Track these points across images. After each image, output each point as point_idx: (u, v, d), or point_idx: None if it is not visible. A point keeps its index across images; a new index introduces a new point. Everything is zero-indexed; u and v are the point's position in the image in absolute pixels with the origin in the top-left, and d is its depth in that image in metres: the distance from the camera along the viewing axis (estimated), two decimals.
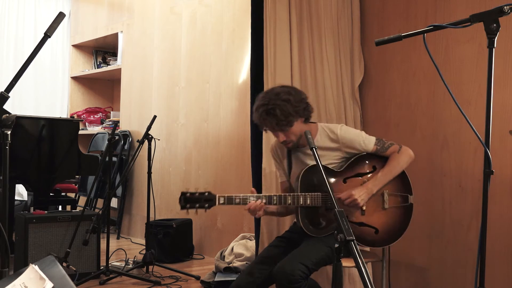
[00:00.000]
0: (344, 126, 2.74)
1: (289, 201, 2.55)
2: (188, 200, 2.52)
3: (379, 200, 2.67)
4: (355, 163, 2.70)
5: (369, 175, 2.68)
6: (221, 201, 2.53)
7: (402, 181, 2.72)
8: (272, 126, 2.61)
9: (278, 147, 2.86)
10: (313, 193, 2.56)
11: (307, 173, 2.61)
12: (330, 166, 2.68)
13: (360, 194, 2.57)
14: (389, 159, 2.69)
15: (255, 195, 2.54)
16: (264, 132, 3.14)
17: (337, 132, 2.69)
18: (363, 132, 2.75)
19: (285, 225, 3.19)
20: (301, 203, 2.55)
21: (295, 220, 2.86)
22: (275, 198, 2.55)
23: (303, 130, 2.61)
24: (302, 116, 2.63)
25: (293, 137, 2.63)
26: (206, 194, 2.55)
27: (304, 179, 2.61)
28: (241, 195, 2.53)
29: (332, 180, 2.66)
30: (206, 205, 2.53)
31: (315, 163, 2.56)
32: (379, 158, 2.72)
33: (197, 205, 2.52)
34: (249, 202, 2.52)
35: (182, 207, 2.52)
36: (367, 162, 2.71)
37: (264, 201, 2.54)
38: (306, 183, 2.60)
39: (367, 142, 2.69)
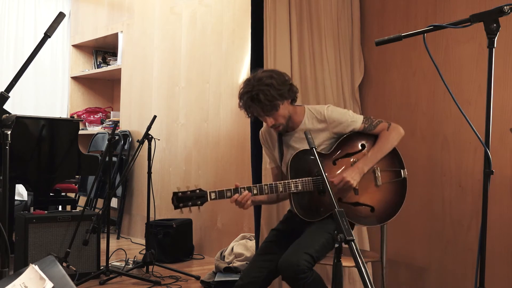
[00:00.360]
0: (331, 106, 2.73)
1: (281, 189, 2.54)
2: (180, 199, 2.54)
3: (372, 177, 2.65)
4: (343, 144, 2.68)
5: (358, 154, 2.66)
6: (212, 197, 2.55)
7: (394, 156, 2.69)
8: (258, 112, 2.61)
9: (267, 133, 2.85)
10: (304, 179, 2.56)
11: (296, 158, 2.61)
12: (319, 149, 2.65)
13: (352, 175, 2.56)
14: (379, 136, 2.67)
15: (245, 186, 2.54)
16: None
17: (324, 112, 2.68)
18: (350, 111, 2.73)
19: None
20: (293, 189, 2.55)
21: (289, 208, 2.86)
22: (265, 187, 2.54)
23: (290, 112, 2.64)
24: (288, 98, 2.62)
25: (282, 120, 2.62)
26: (197, 191, 2.57)
27: (294, 164, 2.60)
28: (232, 188, 2.53)
29: (322, 162, 2.59)
30: (199, 202, 2.54)
31: (306, 147, 2.60)
32: (367, 137, 2.69)
33: (190, 203, 2.53)
34: (245, 196, 2.52)
35: (176, 207, 2.54)
36: (355, 141, 2.68)
37: (255, 191, 2.53)
38: (296, 169, 2.60)
39: (355, 120, 2.67)
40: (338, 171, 2.62)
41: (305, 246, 2.46)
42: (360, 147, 2.68)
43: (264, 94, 2.53)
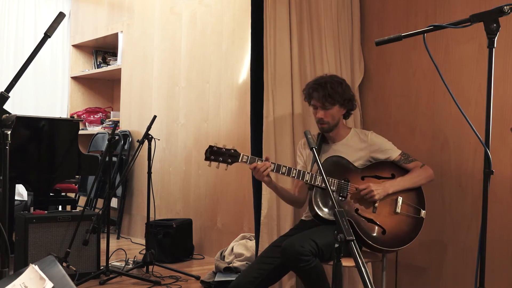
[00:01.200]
0: (374, 132, 2.92)
1: (307, 177, 2.64)
2: (214, 152, 2.67)
3: (393, 203, 2.74)
4: (376, 166, 2.81)
5: (386, 180, 2.76)
6: (244, 159, 2.66)
7: (418, 195, 2.81)
8: (317, 98, 2.77)
9: (306, 146, 2.96)
10: (331, 178, 2.68)
11: (330, 160, 2.75)
12: (356, 164, 2.79)
13: (377, 189, 2.66)
14: (412, 170, 2.82)
15: (276, 163, 2.67)
16: (263, 131, 3.14)
17: (368, 134, 2.88)
18: (390, 142, 2.89)
19: (285, 226, 3.19)
20: (318, 183, 2.64)
21: (303, 217, 2.89)
22: (294, 171, 2.64)
23: (340, 121, 2.83)
24: (345, 106, 2.82)
25: (330, 119, 2.79)
26: (232, 151, 2.69)
27: (326, 163, 2.73)
28: (264, 159, 2.67)
29: (351, 174, 2.76)
30: (229, 160, 2.66)
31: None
32: (399, 169, 2.82)
33: (221, 158, 2.67)
34: (264, 164, 2.62)
35: (206, 158, 2.67)
36: (387, 168, 2.82)
37: (283, 170, 2.64)
38: (327, 168, 2.71)
39: (393, 150, 2.84)
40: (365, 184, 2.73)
41: (313, 235, 2.52)
42: (390, 175, 2.80)
43: (331, 85, 2.75)
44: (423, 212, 2.78)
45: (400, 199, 2.74)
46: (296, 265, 2.44)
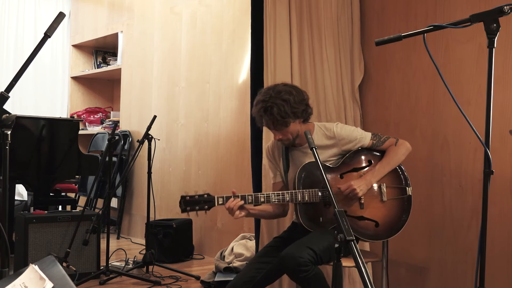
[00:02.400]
0: (339, 124, 2.76)
1: (287, 198, 2.56)
2: (188, 203, 2.55)
3: (377, 193, 2.68)
4: (351, 158, 2.71)
5: (365, 169, 2.70)
6: (220, 202, 2.56)
7: (399, 174, 2.73)
8: (268, 124, 2.64)
9: (275, 147, 2.86)
10: (310, 189, 2.57)
11: (303, 170, 2.63)
12: (326, 163, 2.70)
13: (359, 185, 2.59)
14: (387, 151, 2.71)
15: (253, 194, 2.57)
16: (263, 132, 3.15)
17: (333, 129, 2.72)
18: (358, 128, 2.79)
19: (285, 225, 3.18)
20: (299, 199, 2.56)
21: (294, 219, 2.87)
22: (273, 196, 2.56)
23: (300, 130, 2.65)
24: (300, 117, 2.64)
25: (289, 136, 2.65)
26: (205, 196, 2.57)
27: (301, 175, 2.62)
28: (240, 194, 2.56)
29: (329, 176, 2.67)
30: (206, 206, 2.55)
31: (313, 160, 2.63)
32: (374, 153, 2.73)
33: (197, 207, 2.55)
34: (248, 200, 2.55)
35: (183, 211, 2.56)
36: (363, 157, 2.73)
37: (262, 199, 2.56)
38: (304, 180, 2.62)
39: (363, 137, 2.72)
40: (345, 183, 2.65)
41: (310, 243, 2.49)
42: (367, 163, 2.72)
43: (278, 108, 2.55)
44: (408, 189, 2.70)
45: (383, 186, 2.67)
46: (297, 276, 2.43)
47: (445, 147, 3.26)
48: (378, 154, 2.73)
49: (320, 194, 2.58)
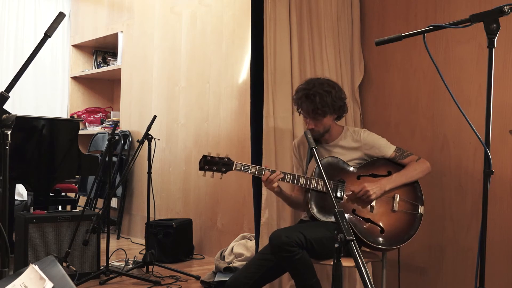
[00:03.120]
0: (367, 130, 2.88)
1: (302, 181, 2.64)
2: (208, 162, 2.65)
3: (390, 201, 2.73)
4: (371, 164, 2.79)
5: (383, 178, 2.75)
6: (238, 167, 2.66)
7: (415, 191, 2.80)
8: (307, 111, 2.74)
9: (301, 144, 2.96)
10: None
11: (325, 161, 2.73)
12: (348, 164, 2.78)
13: (373, 188, 2.65)
14: (408, 165, 2.78)
15: (270, 169, 2.67)
16: (264, 132, 3.15)
17: (360, 133, 2.83)
18: (384, 139, 2.86)
19: (285, 226, 3.19)
20: (313, 185, 2.65)
21: (302, 217, 2.89)
22: (289, 176, 2.65)
23: (332, 125, 2.79)
24: (336, 112, 2.78)
25: (321, 128, 2.76)
26: (226, 159, 2.67)
27: (321, 165, 2.67)
28: (257, 166, 2.67)
29: (347, 175, 2.74)
30: (223, 169, 2.65)
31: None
32: (395, 165, 2.80)
33: (215, 167, 2.65)
34: (264, 173, 2.64)
35: (201, 168, 2.65)
36: (383, 166, 2.80)
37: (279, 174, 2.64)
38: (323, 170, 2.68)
39: (388, 147, 2.81)
40: (360, 184, 2.71)
41: (302, 229, 2.53)
42: (386, 173, 2.78)
43: (320, 97, 2.68)
44: (421, 208, 2.76)
45: (397, 197, 2.73)
46: (280, 254, 2.45)
47: (445, 147, 3.26)
48: (398, 166, 2.79)
49: (333, 187, 2.68)
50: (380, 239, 2.67)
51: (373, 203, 2.69)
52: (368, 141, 2.81)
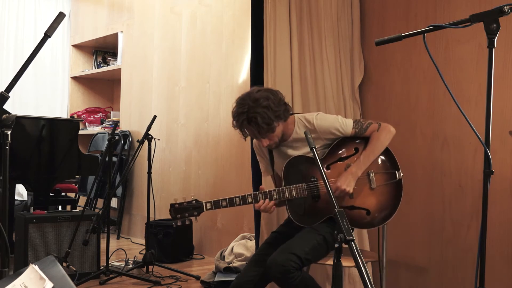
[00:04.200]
0: (320, 113, 2.71)
1: (275, 196, 2.55)
2: (178, 210, 2.57)
3: (366, 180, 2.64)
4: (336, 148, 2.68)
5: (351, 158, 2.65)
6: (208, 207, 2.56)
7: (388, 158, 2.68)
8: (254, 134, 2.60)
9: (260, 145, 2.83)
10: (297, 185, 2.57)
11: (289, 165, 2.62)
12: (311, 155, 2.62)
13: (347, 182, 2.54)
14: (370, 138, 2.64)
15: (240, 196, 2.55)
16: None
17: (313, 121, 2.65)
18: (339, 116, 2.71)
19: None
20: (287, 196, 2.56)
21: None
22: (260, 196, 2.55)
23: (283, 128, 2.63)
24: (283, 118, 2.60)
25: (276, 139, 2.62)
26: (193, 202, 2.58)
27: (287, 171, 2.61)
28: (227, 197, 2.54)
29: (315, 168, 2.61)
30: (195, 212, 2.57)
31: (298, 153, 2.65)
32: (360, 140, 2.68)
33: (187, 214, 2.57)
34: (236, 203, 2.54)
35: (173, 218, 2.58)
36: (348, 145, 2.68)
37: (249, 200, 2.55)
38: (291, 175, 2.61)
39: (345, 126, 2.65)
40: (332, 178, 2.62)
41: (294, 247, 2.47)
42: (353, 151, 2.67)
43: (261, 117, 2.50)
44: (398, 173, 2.65)
45: (371, 173, 2.63)
46: (283, 283, 2.43)
47: (445, 147, 3.26)
48: (364, 140, 2.67)
49: (307, 189, 2.57)
50: (368, 221, 2.62)
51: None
52: (323, 128, 2.64)
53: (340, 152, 2.67)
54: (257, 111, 2.50)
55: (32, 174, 4.18)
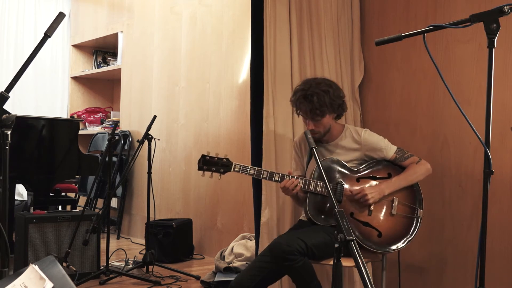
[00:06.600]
0: (368, 130, 2.84)
1: (301, 183, 2.62)
2: (207, 162, 2.63)
3: (389, 205, 2.72)
4: (371, 166, 2.77)
5: (383, 180, 2.74)
6: (236, 169, 2.64)
7: (415, 194, 2.78)
8: (305, 112, 2.72)
9: (302, 141, 2.94)
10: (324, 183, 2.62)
11: (325, 163, 2.72)
12: (348, 165, 2.74)
13: (372, 192, 2.64)
14: (407, 167, 2.76)
15: (269, 171, 2.65)
16: (264, 132, 3.15)
17: (361, 134, 2.80)
18: (386, 139, 2.83)
19: (285, 226, 3.19)
20: (311, 188, 2.63)
21: (301, 217, 2.89)
22: (287, 178, 2.62)
23: (332, 125, 2.77)
24: (336, 111, 2.76)
25: (321, 128, 2.74)
26: (224, 160, 2.66)
27: (322, 166, 2.67)
28: (256, 168, 2.65)
29: (347, 177, 2.72)
30: (222, 170, 2.64)
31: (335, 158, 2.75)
32: (395, 167, 2.78)
33: (213, 168, 2.63)
34: (263, 176, 2.63)
35: (199, 168, 2.64)
36: (383, 168, 2.78)
37: (276, 178, 2.63)
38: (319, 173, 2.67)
39: (388, 149, 2.77)
40: (356, 188, 2.69)
41: (302, 235, 2.51)
42: (386, 175, 2.76)
43: (318, 97, 2.65)
44: (420, 211, 2.74)
45: (396, 200, 2.71)
46: (282, 263, 2.46)
47: (445, 147, 3.26)
48: (398, 168, 2.77)
49: (331, 189, 2.61)
50: (377, 243, 2.66)
51: (372, 207, 2.68)
52: (369, 143, 2.78)
53: (373, 171, 2.77)
54: (316, 91, 2.67)
55: (32, 174, 4.18)
